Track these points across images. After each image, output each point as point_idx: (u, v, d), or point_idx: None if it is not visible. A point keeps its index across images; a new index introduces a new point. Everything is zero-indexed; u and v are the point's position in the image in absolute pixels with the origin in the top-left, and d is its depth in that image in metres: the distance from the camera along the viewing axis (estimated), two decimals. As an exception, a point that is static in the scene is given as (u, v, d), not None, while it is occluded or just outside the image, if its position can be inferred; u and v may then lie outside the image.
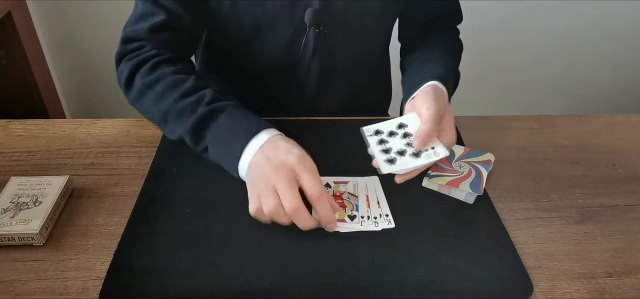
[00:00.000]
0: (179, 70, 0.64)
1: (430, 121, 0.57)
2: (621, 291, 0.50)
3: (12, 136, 0.68)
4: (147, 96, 0.63)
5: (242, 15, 0.70)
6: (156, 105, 0.62)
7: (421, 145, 0.57)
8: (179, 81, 0.62)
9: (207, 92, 0.60)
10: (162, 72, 0.63)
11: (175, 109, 0.60)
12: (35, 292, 0.47)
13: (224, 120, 0.58)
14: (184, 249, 0.51)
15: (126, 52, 0.67)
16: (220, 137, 0.58)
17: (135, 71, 0.65)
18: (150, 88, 0.63)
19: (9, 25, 1.34)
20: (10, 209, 0.53)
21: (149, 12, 0.67)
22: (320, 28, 0.70)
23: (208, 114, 0.58)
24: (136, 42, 0.67)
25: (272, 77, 0.78)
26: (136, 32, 0.67)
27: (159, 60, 0.64)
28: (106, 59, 0.71)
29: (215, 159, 0.59)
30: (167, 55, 0.66)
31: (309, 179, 0.52)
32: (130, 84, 0.65)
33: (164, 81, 0.62)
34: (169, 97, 0.61)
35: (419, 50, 0.76)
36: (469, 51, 1.78)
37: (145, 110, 0.65)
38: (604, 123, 0.77)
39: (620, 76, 1.84)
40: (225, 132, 0.57)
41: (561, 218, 0.58)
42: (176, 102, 0.60)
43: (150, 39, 0.66)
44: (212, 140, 0.58)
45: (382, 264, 0.51)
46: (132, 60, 0.65)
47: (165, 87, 0.62)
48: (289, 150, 0.54)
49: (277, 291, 0.47)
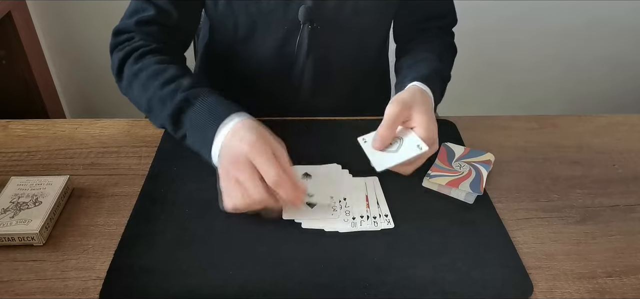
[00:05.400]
0: (162, 60, 0.66)
1: (383, 124, 0.58)
2: (621, 291, 0.50)
3: (12, 136, 0.68)
4: (133, 85, 0.65)
5: (237, 13, 0.72)
6: (141, 94, 0.64)
7: (380, 146, 0.58)
8: (160, 70, 0.64)
9: (184, 81, 0.62)
10: (147, 62, 0.65)
11: (157, 97, 0.62)
12: (35, 292, 0.47)
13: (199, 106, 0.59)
14: (184, 249, 0.51)
15: (117, 43, 0.70)
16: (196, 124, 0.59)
17: (124, 61, 0.67)
18: (136, 77, 0.65)
19: (9, 25, 1.34)
20: (10, 209, 0.53)
21: (139, 8, 0.70)
22: (314, 25, 0.71)
23: (185, 101, 0.60)
24: (126, 34, 0.69)
25: (268, 76, 0.78)
26: (126, 25, 0.70)
27: (144, 51, 0.67)
28: (106, 59, 0.71)
29: (194, 146, 0.61)
30: (154, 46, 0.68)
31: (263, 164, 0.51)
32: (121, 74, 0.68)
33: (147, 70, 0.64)
34: (151, 86, 0.63)
35: (408, 53, 0.77)
36: (469, 51, 1.78)
37: (133, 99, 0.67)
38: (604, 123, 0.77)
39: (620, 76, 1.84)
40: (200, 119, 0.59)
41: (561, 218, 0.58)
42: (157, 91, 0.62)
43: (138, 31, 0.69)
44: (189, 127, 0.60)
45: (382, 264, 0.51)
46: (122, 51, 0.67)
47: (148, 76, 0.64)
48: (242, 138, 0.52)
49: (277, 291, 0.47)
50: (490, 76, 1.80)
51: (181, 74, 0.63)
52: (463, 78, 1.76)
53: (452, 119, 0.74)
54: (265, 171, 0.51)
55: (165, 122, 0.62)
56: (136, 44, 0.67)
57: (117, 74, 0.68)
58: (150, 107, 0.64)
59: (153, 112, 0.64)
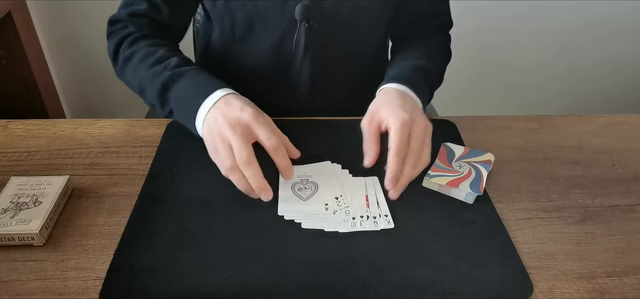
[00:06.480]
0: (153, 43, 0.69)
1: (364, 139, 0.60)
2: (621, 291, 0.50)
3: (12, 136, 0.68)
4: (127, 68, 0.69)
5: (234, 12, 0.73)
6: (133, 76, 0.68)
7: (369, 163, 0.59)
8: (151, 51, 0.67)
9: (173, 59, 0.65)
10: (139, 46, 0.69)
11: (147, 76, 0.65)
12: (35, 292, 0.47)
13: (184, 82, 0.62)
14: (184, 249, 0.51)
15: (111, 31, 0.73)
16: (181, 99, 0.62)
17: (118, 47, 0.71)
18: (129, 60, 0.68)
19: (9, 25, 1.34)
20: (10, 209, 0.53)
21: (132, 1, 0.72)
22: (311, 23, 0.71)
23: (171, 78, 0.63)
24: (120, 23, 0.73)
25: (266, 75, 0.79)
26: (119, 15, 0.73)
27: (137, 37, 0.70)
28: (106, 59, 0.72)
29: (179, 119, 0.64)
30: (145, 32, 0.71)
31: (265, 131, 0.55)
32: (116, 58, 0.71)
33: (139, 53, 0.68)
34: (142, 66, 0.66)
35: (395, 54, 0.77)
36: (469, 51, 1.78)
37: (127, 82, 0.70)
38: (604, 123, 0.77)
39: (620, 75, 1.84)
40: (185, 93, 0.61)
41: (561, 218, 0.58)
42: (147, 70, 0.65)
43: (131, 22, 0.72)
44: (174, 102, 0.63)
45: (382, 264, 0.51)
46: (115, 37, 0.71)
47: (140, 58, 0.67)
48: (242, 108, 0.57)
49: (277, 291, 0.47)
50: (490, 75, 1.80)
51: (170, 55, 0.66)
52: (463, 78, 1.77)
53: (452, 119, 0.74)
54: (268, 135, 0.55)
55: (153, 100, 0.65)
56: (129, 30, 0.71)
57: (113, 59, 0.72)
58: (142, 88, 0.67)
59: (144, 92, 0.67)
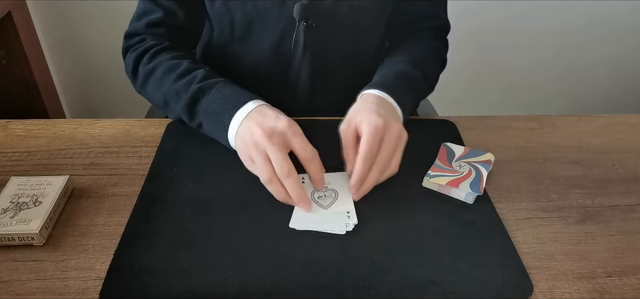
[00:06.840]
0: (175, 56, 0.69)
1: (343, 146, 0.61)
2: (621, 291, 0.50)
3: (12, 136, 0.68)
4: (149, 83, 0.69)
5: (233, 12, 0.73)
6: (157, 90, 0.68)
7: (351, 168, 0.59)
8: (175, 65, 0.67)
9: (199, 72, 0.65)
10: (160, 59, 0.69)
11: (172, 90, 0.65)
12: (35, 292, 0.47)
13: (213, 95, 0.62)
14: (184, 249, 0.51)
15: (129, 46, 0.73)
16: (211, 111, 0.62)
17: (138, 62, 0.70)
18: (151, 75, 0.68)
19: (9, 25, 1.34)
20: (10, 209, 0.53)
21: (148, 10, 0.73)
22: (309, 22, 0.71)
23: (199, 91, 0.63)
24: (137, 37, 0.73)
25: (266, 75, 0.79)
26: (136, 28, 0.74)
27: (157, 50, 0.70)
28: (106, 59, 0.72)
29: (209, 132, 0.64)
30: (166, 44, 0.72)
31: (300, 141, 0.56)
32: (135, 74, 0.71)
33: (162, 66, 0.67)
34: (167, 80, 0.66)
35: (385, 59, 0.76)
36: (469, 51, 1.78)
37: (149, 96, 0.70)
38: (604, 123, 0.77)
39: (620, 76, 1.84)
40: (215, 106, 0.62)
41: (561, 218, 0.58)
42: (172, 84, 0.65)
43: (149, 33, 0.73)
44: (204, 115, 0.63)
45: (382, 264, 0.51)
46: (135, 52, 0.71)
47: (163, 71, 0.67)
48: (277, 117, 0.58)
49: (277, 291, 0.47)
50: (490, 75, 1.80)
51: (195, 68, 0.66)
52: (463, 78, 1.77)
53: (452, 119, 0.74)
54: (303, 146, 0.56)
55: (181, 113, 0.65)
56: (149, 44, 0.71)
57: (132, 74, 0.72)
58: (167, 102, 0.67)
59: (169, 105, 0.67)
